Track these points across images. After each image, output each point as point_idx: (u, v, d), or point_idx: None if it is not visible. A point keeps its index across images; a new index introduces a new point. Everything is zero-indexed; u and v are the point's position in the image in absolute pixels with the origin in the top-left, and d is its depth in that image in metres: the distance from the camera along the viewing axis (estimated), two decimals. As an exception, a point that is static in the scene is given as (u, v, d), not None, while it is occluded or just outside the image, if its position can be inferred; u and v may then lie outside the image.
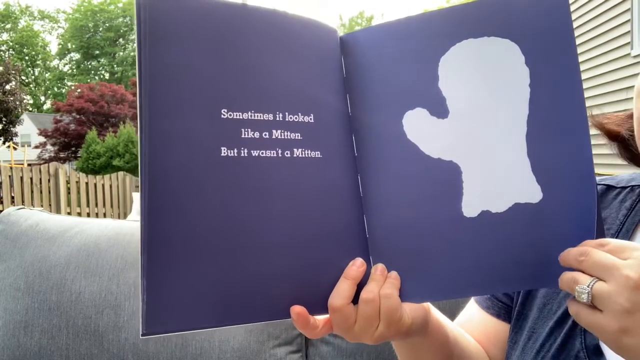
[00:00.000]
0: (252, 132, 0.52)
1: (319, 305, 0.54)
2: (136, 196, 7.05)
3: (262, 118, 0.52)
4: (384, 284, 0.55)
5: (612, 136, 0.69)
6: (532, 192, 0.54)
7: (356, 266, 0.55)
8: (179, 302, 0.48)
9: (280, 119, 0.53)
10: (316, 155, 0.55)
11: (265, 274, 0.52)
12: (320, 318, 0.55)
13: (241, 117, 0.52)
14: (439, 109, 0.56)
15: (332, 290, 0.54)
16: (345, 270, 0.55)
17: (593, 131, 0.62)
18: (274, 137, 0.53)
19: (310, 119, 0.55)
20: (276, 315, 0.53)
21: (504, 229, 0.54)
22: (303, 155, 0.54)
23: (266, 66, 0.54)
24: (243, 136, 0.52)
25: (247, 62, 0.53)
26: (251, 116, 0.52)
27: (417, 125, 0.57)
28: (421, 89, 0.56)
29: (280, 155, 0.53)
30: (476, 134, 0.56)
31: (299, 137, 0.54)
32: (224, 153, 0.51)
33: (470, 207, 0.55)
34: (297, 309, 0.52)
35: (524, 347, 0.66)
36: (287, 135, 0.54)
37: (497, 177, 0.55)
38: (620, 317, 0.44)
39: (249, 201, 0.51)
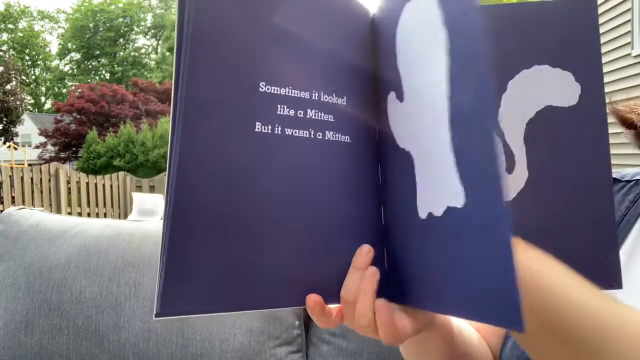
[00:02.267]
0: (288, 110, 0.49)
1: (332, 293, 0.53)
2: (136, 196, 7.04)
3: (298, 95, 0.50)
4: (361, 281, 0.51)
5: (627, 124, 0.70)
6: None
7: (363, 254, 0.52)
8: (197, 283, 0.46)
9: (316, 98, 0.51)
10: (346, 140, 0.53)
11: (284, 258, 0.50)
12: (333, 307, 0.54)
13: (279, 93, 0.49)
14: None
15: (344, 278, 0.53)
16: (353, 259, 0.53)
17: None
18: (308, 116, 0.50)
19: (344, 101, 0.53)
20: (292, 302, 0.51)
21: (445, 236, 0.47)
22: (334, 139, 0.52)
23: (306, 41, 0.51)
24: (279, 112, 0.49)
25: (288, 35, 0.50)
26: (289, 92, 0.50)
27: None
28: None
29: (312, 136, 0.51)
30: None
31: (332, 120, 0.52)
32: (258, 128, 0.48)
33: (420, 209, 0.51)
34: (314, 298, 0.51)
35: None
36: (320, 116, 0.51)
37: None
38: None
39: (278, 181, 0.49)
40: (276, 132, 0.49)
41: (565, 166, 0.55)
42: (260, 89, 0.48)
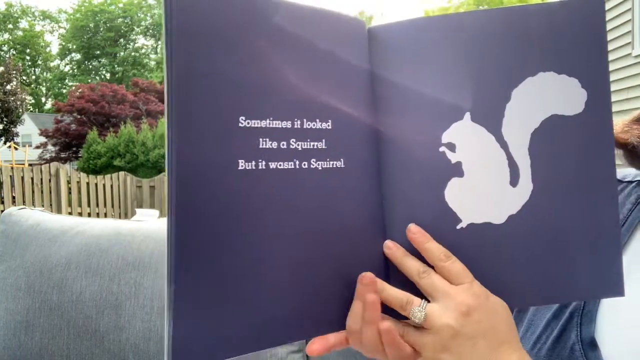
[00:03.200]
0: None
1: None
2: (139, 211, 7.00)
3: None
4: (364, 313, 0.52)
5: (619, 144, 0.69)
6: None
7: (364, 284, 0.52)
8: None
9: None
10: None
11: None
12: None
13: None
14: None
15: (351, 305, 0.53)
16: (356, 289, 0.53)
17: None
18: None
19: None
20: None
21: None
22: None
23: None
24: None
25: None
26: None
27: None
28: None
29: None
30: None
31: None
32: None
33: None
34: (314, 349, 0.52)
35: (522, 339, 0.67)
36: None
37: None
38: (445, 334, 0.49)
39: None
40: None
41: (570, 177, 0.53)
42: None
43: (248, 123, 0.47)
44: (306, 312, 0.50)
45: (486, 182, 0.54)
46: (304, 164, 0.50)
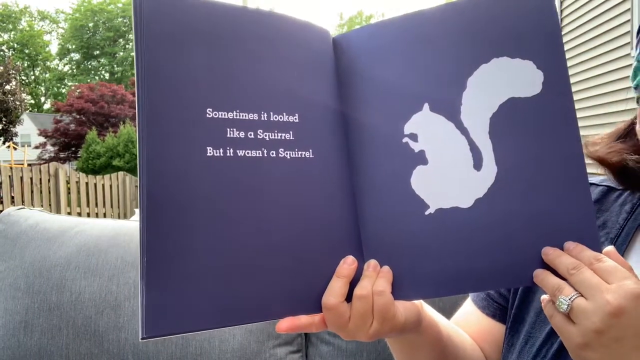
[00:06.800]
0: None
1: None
2: (137, 211, 7.04)
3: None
4: (376, 281, 0.55)
5: (609, 165, 0.67)
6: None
7: (347, 264, 0.55)
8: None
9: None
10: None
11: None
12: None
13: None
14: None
15: (325, 288, 0.55)
16: (337, 268, 0.55)
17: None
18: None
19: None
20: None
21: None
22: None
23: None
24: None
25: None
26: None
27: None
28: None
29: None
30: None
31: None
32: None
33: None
34: (283, 327, 0.53)
35: (521, 351, 0.66)
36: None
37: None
38: (589, 333, 0.48)
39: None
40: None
41: (534, 156, 0.54)
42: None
43: (215, 114, 0.52)
44: (275, 293, 0.53)
45: (450, 168, 0.56)
46: (272, 153, 0.54)
